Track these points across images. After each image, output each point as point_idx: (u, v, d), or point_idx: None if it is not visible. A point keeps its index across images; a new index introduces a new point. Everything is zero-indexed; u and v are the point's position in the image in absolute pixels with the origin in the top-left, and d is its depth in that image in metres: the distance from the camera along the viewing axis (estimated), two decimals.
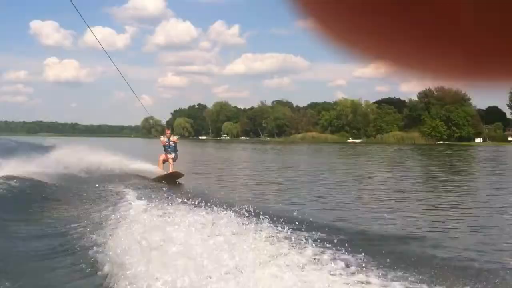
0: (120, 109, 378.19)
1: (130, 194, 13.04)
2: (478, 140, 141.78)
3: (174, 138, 20.76)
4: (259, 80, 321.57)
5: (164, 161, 20.44)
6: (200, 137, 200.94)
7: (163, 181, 18.94)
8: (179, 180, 19.78)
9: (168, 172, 19.86)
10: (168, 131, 21.18)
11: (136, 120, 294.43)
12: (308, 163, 40.65)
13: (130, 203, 10.99)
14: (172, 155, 20.35)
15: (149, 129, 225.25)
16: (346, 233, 9.23)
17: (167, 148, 20.42)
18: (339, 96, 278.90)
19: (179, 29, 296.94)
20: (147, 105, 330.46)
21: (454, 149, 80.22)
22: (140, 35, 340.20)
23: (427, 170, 34.62)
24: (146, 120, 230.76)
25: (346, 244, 7.31)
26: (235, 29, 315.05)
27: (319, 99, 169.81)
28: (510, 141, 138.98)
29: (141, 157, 23.55)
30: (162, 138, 20.98)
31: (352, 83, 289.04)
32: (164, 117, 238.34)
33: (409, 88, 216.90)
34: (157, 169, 20.41)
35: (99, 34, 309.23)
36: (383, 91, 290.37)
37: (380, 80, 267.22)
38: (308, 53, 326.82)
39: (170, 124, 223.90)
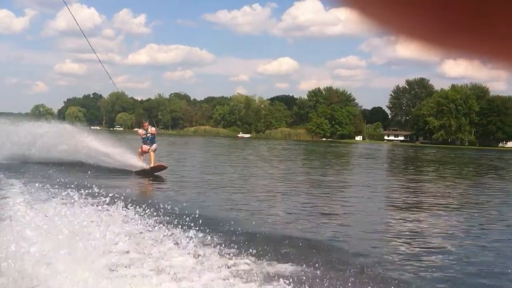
0: (10, 96, 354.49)
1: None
2: (358, 138, 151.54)
3: (152, 129, 20.62)
4: (162, 71, 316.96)
5: (144, 153, 20.47)
6: (92, 127, 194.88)
7: (143, 174, 19.53)
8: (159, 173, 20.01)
9: (153, 165, 19.96)
10: (146, 124, 20.85)
11: (26, 108, 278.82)
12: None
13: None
14: (152, 146, 20.34)
15: (39, 117, 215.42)
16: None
17: (145, 140, 20.36)
18: (240, 91, 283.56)
19: (82, 15, 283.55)
20: (40, 93, 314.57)
21: (316, 145, 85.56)
22: (40, 19, 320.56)
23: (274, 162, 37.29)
24: (36, 107, 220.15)
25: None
26: (141, 18, 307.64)
27: (221, 94, 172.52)
28: (386, 140, 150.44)
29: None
30: (140, 131, 20.90)
31: (254, 79, 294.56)
32: (58, 106, 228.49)
33: (307, 86, 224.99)
34: (137, 162, 20.39)
35: None
36: (283, 88, 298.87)
37: (279, 78, 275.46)
38: (214, 47, 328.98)
39: (62, 112, 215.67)
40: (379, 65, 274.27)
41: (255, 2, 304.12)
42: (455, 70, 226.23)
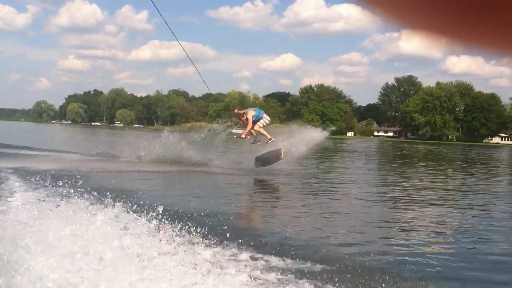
0: (13, 92, 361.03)
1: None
2: (350, 134, 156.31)
3: (247, 113, 19.45)
4: (165, 68, 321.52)
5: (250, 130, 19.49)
6: (93, 123, 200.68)
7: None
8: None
9: (269, 137, 19.59)
10: (243, 115, 19.56)
11: (29, 104, 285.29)
12: None
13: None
14: (259, 122, 19.63)
15: (40, 113, 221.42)
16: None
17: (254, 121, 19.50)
18: (243, 87, 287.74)
19: (84, 11, 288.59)
20: (44, 89, 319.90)
21: None
22: (42, 15, 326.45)
23: None
24: (38, 104, 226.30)
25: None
26: (144, 14, 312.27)
27: (224, 90, 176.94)
28: (375, 135, 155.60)
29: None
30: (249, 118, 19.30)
31: (257, 75, 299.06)
32: (59, 102, 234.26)
33: (311, 82, 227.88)
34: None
35: None
36: (286, 84, 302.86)
37: (283, 74, 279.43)
38: (216, 43, 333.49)
39: (63, 108, 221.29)
40: (381, 62, 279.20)
41: None
42: (458, 67, 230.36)
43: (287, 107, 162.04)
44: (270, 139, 19.41)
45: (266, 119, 19.60)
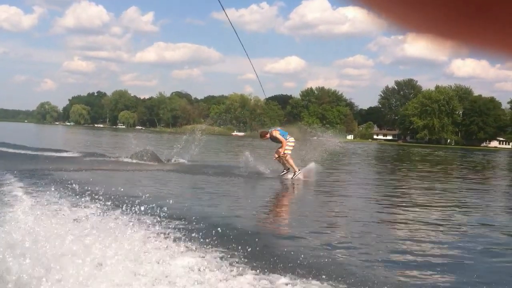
0: (18, 93, 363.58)
1: None
2: (350, 137, 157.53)
3: (273, 132, 17.38)
4: (170, 70, 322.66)
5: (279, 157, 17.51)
6: (96, 125, 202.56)
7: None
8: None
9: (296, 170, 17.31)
10: (266, 135, 17.59)
11: (33, 105, 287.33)
12: None
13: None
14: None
15: (44, 114, 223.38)
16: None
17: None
18: (248, 89, 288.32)
19: (90, 12, 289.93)
20: (49, 90, 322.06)
21: None
22: (49, 16, 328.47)
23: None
24: (42, 105, 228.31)
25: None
26: (149, 16, 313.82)
27: (229, 92, 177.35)
28: (374, 138, 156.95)
29: None
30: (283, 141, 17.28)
31: (261, 77, 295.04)
32: (63, 103, 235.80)
33: (315, 85, 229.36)
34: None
35: (4, 13, 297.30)
36: (290, 86, 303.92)
37: (287, 76, 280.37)
38: (221, 45, 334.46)
39: (67, 110, 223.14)
40: (386, 65, 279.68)
41: (262, 0, 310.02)
42: (463, 70, 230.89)
43: (287, 110, 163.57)
44: (295, 173, 17.02)
45: (290, 141, 17.15)
